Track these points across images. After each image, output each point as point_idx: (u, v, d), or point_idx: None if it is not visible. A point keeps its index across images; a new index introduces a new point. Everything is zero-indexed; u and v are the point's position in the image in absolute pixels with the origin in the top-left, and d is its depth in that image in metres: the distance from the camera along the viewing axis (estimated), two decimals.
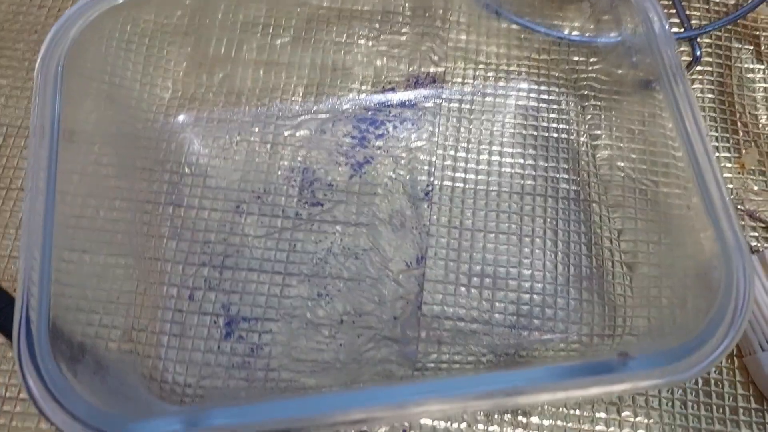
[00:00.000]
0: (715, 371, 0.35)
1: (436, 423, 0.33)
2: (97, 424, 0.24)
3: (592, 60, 0.41)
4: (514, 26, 0.41)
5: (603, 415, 0.34)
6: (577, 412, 0.34)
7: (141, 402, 0.30)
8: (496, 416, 0.34)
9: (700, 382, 0.35)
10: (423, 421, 0.33)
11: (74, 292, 0.30)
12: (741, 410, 0.34)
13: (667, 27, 0.33)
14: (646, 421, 0.34)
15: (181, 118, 0.40)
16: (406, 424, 0.33)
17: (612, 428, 0.33)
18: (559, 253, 0.37)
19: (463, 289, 0.36)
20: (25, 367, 0.24)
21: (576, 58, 0.41)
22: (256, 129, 0.40)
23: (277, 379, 0.34)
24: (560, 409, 0.34)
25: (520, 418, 0.34)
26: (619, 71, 0.38)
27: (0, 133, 0.40)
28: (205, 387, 0.34)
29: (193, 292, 0.36)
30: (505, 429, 0.33)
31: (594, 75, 0.40)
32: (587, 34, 0.40)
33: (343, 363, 0.34)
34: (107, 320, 0.33)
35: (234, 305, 0.36)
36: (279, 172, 0.39)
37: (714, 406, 0.34)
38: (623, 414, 0.34)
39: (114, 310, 0.34)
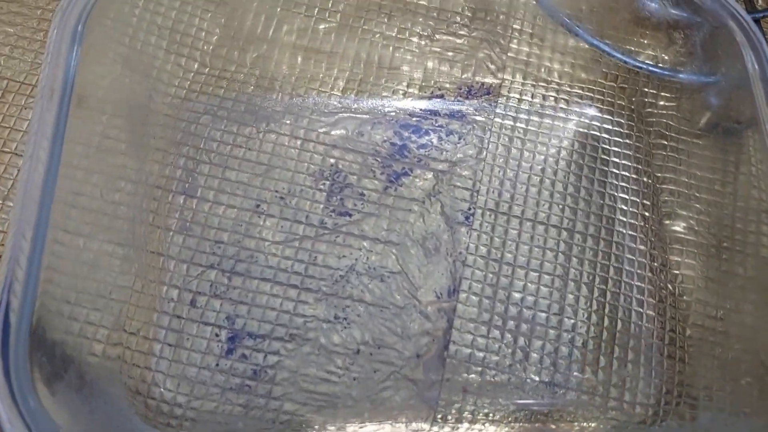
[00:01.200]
0: None
1: None
2: None
3: (668, 95, 0.36)
4: (586, 45, 0.37)
5: None
6: None
7: (124, 426, 0.26)
8: None
9: None
10: None
11: (64, 281, 0.26)
12: None
13: None
14: None
15: (205, 97, 0.35)
16: None
17: None
18: (608, 305, 0.33)
19: (497, 332, 0.32)
20: None
21: (650, 91, 0.37)
22: (288, 121, 0.36)
23: (279, 410, 0.30)
24: None
25: None
26: (702, 111, 0.34)
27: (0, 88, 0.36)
28: (197, 409, 0.30)
29: (196, 297, 0.32)
30: None
31: (670, 112, 0.36)
32: (668, 66, 0.36)
33: (355, 400, 0.30)
34: (95, 317, 0.29)
35: (240, 318, 0.31)
36: (307, 173, 0.35)
37: None
38: None
39: (104, 306, 0.30)
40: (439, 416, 0.30)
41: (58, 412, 0.21)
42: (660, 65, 0.36)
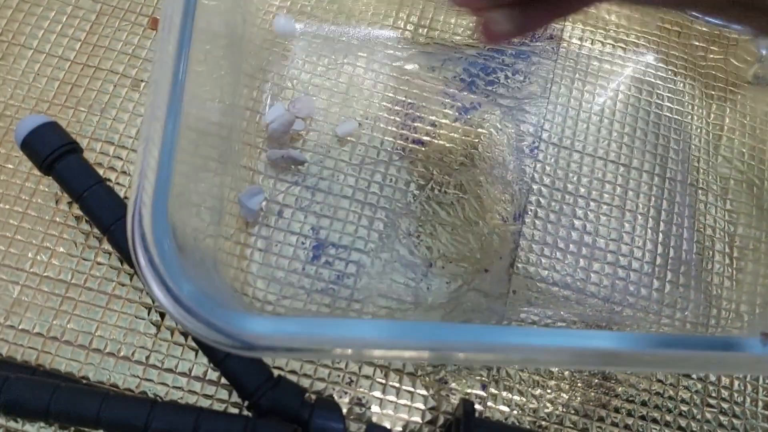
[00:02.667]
0: None
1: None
2: (210, 315, 0.22)
3: (718, 47, 0.39)
4: None
5: (686, 402, 0.33)
6: (663, 391, 0.33)
7: (231, 305, 0.29)
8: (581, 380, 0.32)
9: None
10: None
11: (181, 186, 0.28)
12: None
13: None
14: (726, 418, 0.33)
15: (288, 28, 0.37)
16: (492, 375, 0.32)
17: (696, 419, 0.32)
18: (661, 234, 0.36)
19: (559, 253, 0.35)
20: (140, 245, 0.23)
21: (701, 42, 0.40)
22: (364, 54, 0.38)
23: (360, 311, 0.32)
24: (651, 386, 0.33)
25: (608, 383, 0.32)
26: (750, 62, 0.36)
27: (94, 11, 0.38)
28: (286, 307, 0.32)
29: (283, 209, 0.34)
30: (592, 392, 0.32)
31: (719, 63, 0.38)
32: (722, 18, 0.38)
33: (429, 306, 0.33)
34: (196, 223, 0.31)
35: (324, 229, 0.34)
36: (383, 103, 0.37)
37: None
38: (706, 406, 0.33)
39: (202, 213, 0.32)
40: (507, 323, 0.33)
41: (190, 272, 0.24)
42: (714, 17, 0.38)
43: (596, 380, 0.33)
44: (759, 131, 0.39)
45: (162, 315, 0.32)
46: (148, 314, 0.32)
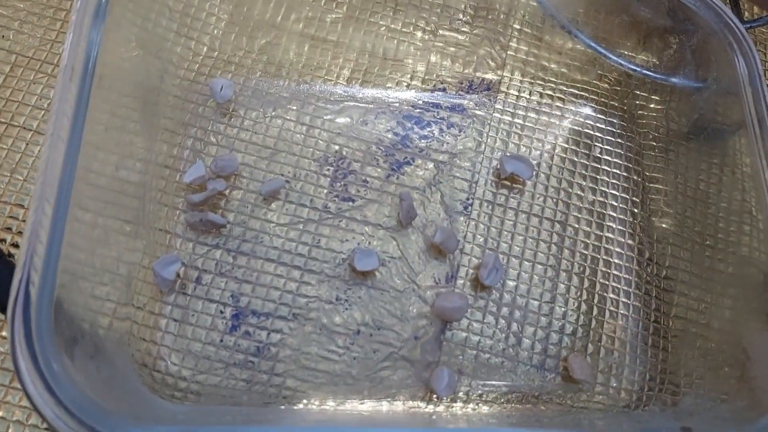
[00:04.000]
0: None
1: None
2: (94, 422, 0.21)
3: (659, 98, 0.38)
4: (583, 47, 0.38)
5: None
6: None
7: (133, 394, 0.27)
8: None
9: None
10: None
11: (80, 256, 0.27)
12: None
13: (760, 72, 0.31)
14: None
15: (212, 82, 0.36)
16: None
17: None
18: (597, 295, 0.35)
19: (491, 317, 0.34)
20: (19, 346, 0.21)
21: (642, 93, 0.39)
22: (294, 107, 0.37)
23: (282, 386, 0.31)
24: None
25: None
26: (691, 113, 0.36)
27: (8, 62, 0.36)
28: (201, 383, 0.30)
29: (201, 275, 0.32)
30: None
31: (660, 114, 0.38)
32: (661, 70, 0.37)
33: (354, 378, 0.31)
34: (103, 291, 0.29)
35: (245, 296, 0.32)
36: (312, 158, 0.36)
37: None
38: None
39: (111, 281, 0.30)
40: (435, 396, 0.31)
41: (75, 377, 0.22)
42: (653, 69, 0.38)
43: None
44: (700, 191, 0.38)
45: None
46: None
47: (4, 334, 0.31)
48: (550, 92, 0.40)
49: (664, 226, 0.37)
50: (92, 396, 0.21)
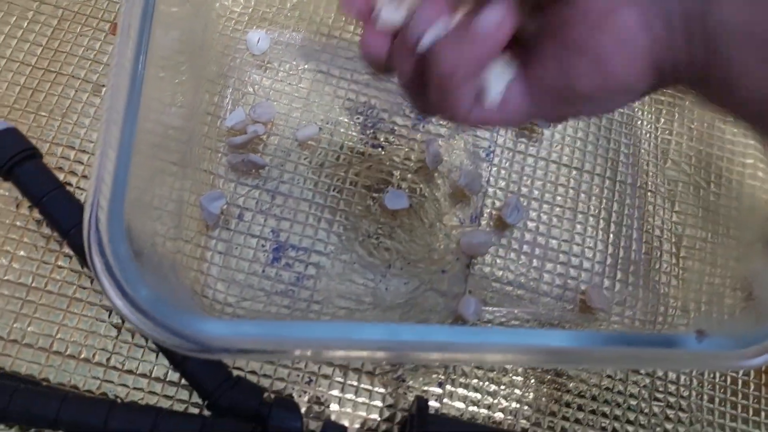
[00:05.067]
0: (742, 373, 0.36)
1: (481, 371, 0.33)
2: (167, 319, 0.23)
3: None
4: None
5: (635, 396, 0.34)
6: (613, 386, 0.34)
7: (189, 308, 0.29)
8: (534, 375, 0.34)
9: (729, 380, 0.35)
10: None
11: (135, 195, 0.29)
12: (764, 413, 0.35)
13: None
14: (672, 411, 0.34)
15: (249, 35, 0.38)
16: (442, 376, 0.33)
17: (644, 411, 0.34)
18: (611, 234, 0.37)
19: (513, 254, 0.36)
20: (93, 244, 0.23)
21: None
22: (324, 60, 0.39)
23: (320, 311, 0.33)
24: (601, 381, 0.34)
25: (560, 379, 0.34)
26: None
27: (55, 16, 0.38)
28: (246, 309, 0.33)
29: (243, 212, 0.35)
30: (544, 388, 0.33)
31: None
32: None
33: (387, 306, 0.34)
34: (156, 227, 0.32)
35: (284, 232, 0.35)
36: (343, 107, 0.38)
37: (739, 406, 0.35)
38: (653, 401, 0.34)
39: (161, 218, 0.32)
40: (462, 322, 0.34)
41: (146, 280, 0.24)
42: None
43: (549, 376, 0.34)
44: (705, 136, 0.40)
45: (123, 318, 0.32)
46: (109, 317, 0.32)
47: (60, 263, 0.33)
48: None
49: (672, 173, 0.39)
50: (162, 294, 0.23)
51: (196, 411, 0.31)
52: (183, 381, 0.31)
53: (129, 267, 0.24)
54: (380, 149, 0.37)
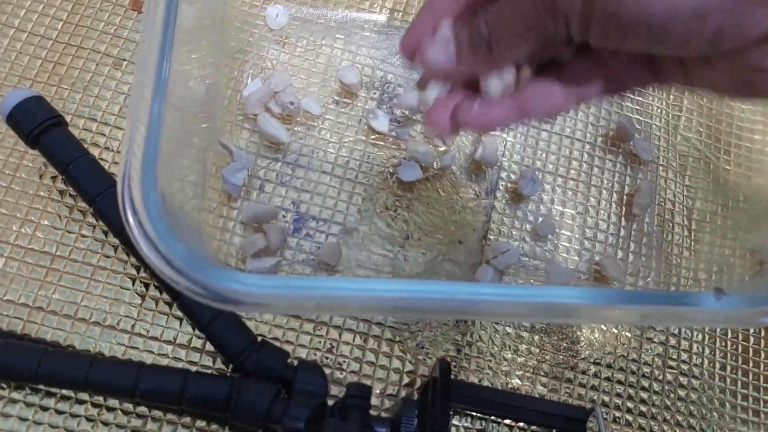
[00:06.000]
0: (753, 341, 0.36)
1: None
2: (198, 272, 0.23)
3: None
4: None
5: (648, 364, 0.35)
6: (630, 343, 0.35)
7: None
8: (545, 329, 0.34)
9: (740, 348, 0.36)
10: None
11: (166, 159, 0.29)
12: None
13: None
14: (686, 378, 0.35)
15: (269, 10, 0.38)
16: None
17: (657, 373, 0.34)
18: (624, 207, 0.38)
19: (528, 225, 0.37)
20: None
21: None
22: (341, 36, 0.39)
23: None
24: (616, 349, 0.35)
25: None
26: None
27: None
28: None
29: (264, 184, 0.35)
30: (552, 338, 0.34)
31: None
32: None
33: (407, 275, 0.34)
34: (182, 196, 0.32)
35: (304, 203, 0.35)
36: (360, 83, 0.38)
37: (750, 373, 0.35)
38: (667, 368, 0.35)
39: (183, 189, 0.33)
40: None
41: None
42: None
43: (564, 344, 0.34)
44: (715, 111, 0.41)
45: (147, 285, 0.33)
46: (133, 284, 0.33)
47: (84, 232, 0.33)
48: None
49: (683, 147, 0.40)
50: (196, 250, 0.24)
51: None
52: (207, 347, 0.32)
53: (162, 224, 0.24)
54: (396, 123, 0.38)
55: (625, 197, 0.38)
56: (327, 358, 0.32)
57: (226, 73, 0.37)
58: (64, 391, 0.30)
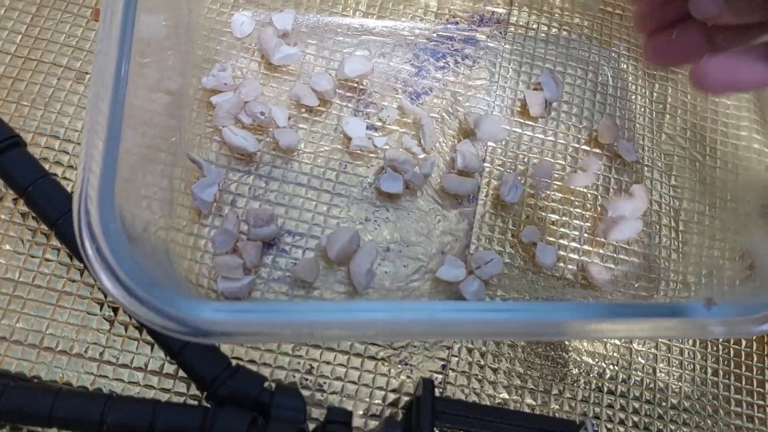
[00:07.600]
0: (745, 345, 0.36)
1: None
2: (158, 300, 0.22)
3: None
4: None
5: (639, 371, 0.34)
6: (617, 361, 0.34)
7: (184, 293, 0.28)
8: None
9: (732, 352, 0.35)
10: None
11: (128, 176, 0.28)
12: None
13: None
14: (677, 385, 0.34)
15: (236, 17, 0.37)
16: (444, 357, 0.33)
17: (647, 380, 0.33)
18: (609, 210, 0.37)
19: (510, 234, 0.35)
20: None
21: None
22: (313, 41, 0.38)
23: (319, 297, 0.32)
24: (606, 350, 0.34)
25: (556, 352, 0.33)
26: None
27: (34, 3, 0.37)
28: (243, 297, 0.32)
29: (236, 198, 0.34)
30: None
31: None
32: None
33: (387, 290, 0.33)
34: (147, 215, 0.31)
35: (279, 218, 0.34)
36: (335, 90, 0.37)
37: (743, 378, 0.35)
38: (659, 365, 0.34)
39: (150, 206, 0.31)
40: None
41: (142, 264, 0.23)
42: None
43: (552, 354, 0.33)
44: (699, 109, 0.40)
45: (115, 310, 0.31)
46: (101, 310, 0.31)
47: (48, 256, 0.32)
48: (556, 25, 0.41)
49: (668, 147, 0.39)
50: (158, 279, 0.23)
51: (194, 403, 0.30)
52: (180, 373, 0.30)
53: (121, 251, 0.23)
54: (374, 130, 0.37)
55: (609, 200, 0.37)
56: (306, 379, 0.31)
57: (194, 83, 0.35)
58: (28, 428, 0.29)
